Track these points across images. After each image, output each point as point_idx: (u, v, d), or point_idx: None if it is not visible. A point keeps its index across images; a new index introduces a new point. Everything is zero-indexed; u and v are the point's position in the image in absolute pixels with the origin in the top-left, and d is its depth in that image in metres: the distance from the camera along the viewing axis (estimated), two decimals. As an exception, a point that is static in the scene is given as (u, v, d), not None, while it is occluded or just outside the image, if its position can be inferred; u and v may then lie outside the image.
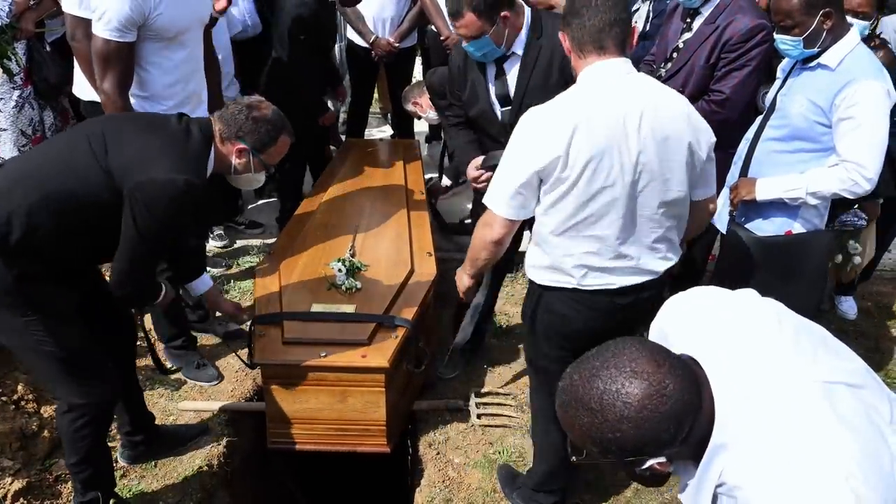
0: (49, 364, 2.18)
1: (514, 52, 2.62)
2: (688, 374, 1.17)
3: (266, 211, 4.69)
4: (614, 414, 1.13)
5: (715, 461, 1.16)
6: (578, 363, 1.22)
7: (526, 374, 3.29)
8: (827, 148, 2.46)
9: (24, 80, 3.59)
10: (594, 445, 1.18)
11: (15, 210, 1.99)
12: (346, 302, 2.87)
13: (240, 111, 2.25)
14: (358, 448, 2.80)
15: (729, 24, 2.82)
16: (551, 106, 1.97)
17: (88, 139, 2.09)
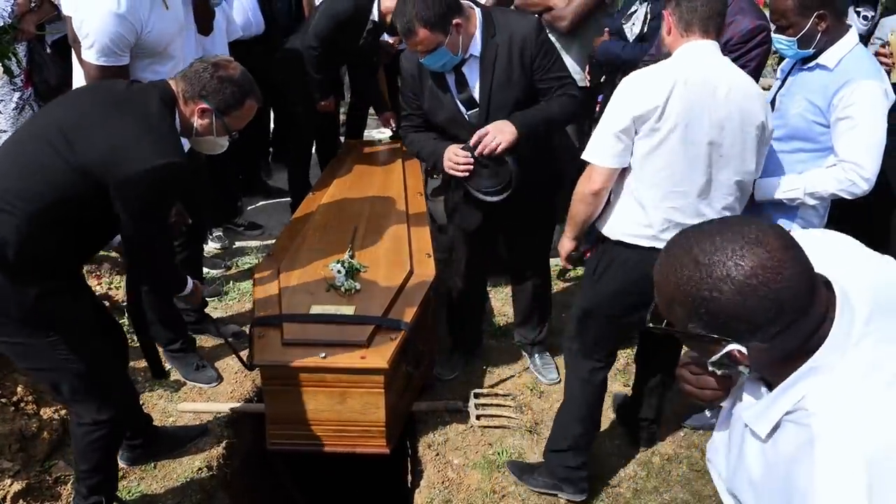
0: (74, 381, 2.15)
1: (471, 55, 2.59)
2: (811, 275, 1.08)
3: (265, 212, 4.69)
4: (721, 271, 1.05)
5: (800, 384, 1.08)
6: (692, 228, 1.15)
7: (524, 375, 3.31)
8: (825, 148, 2.46)
9: (24, 81, 3.60)
10: (683, 306, 1.10)
11: (3, 234, 1.93)
12: (345, 303, 2.87)
13: (204, 69, 2.14)
14: (357, 449, 2.80)
15: (729, 24, 2.82)
16: (653, 67, 2.19)
17: (47, 138, 1.98)
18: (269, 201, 4.82)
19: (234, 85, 2.16)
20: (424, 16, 2.38)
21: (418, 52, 2.51)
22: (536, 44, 2.56)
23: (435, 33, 2.42)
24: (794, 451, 1.07)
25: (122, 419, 2.33)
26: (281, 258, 3.22)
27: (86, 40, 2.62)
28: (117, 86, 2.18)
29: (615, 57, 3.51)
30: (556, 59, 2.64)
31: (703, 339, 1.10)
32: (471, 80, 2.64)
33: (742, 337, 1.07)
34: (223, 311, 3.68)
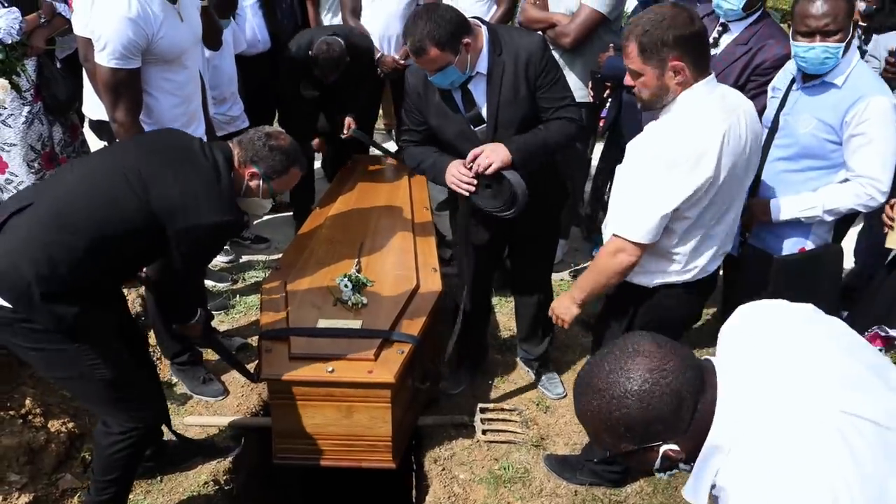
0: (101, 390, 2.20)
1: (477, 72, 2.60)
2: (691, 361, 1.24)
3: (272, 226, 4.71)
4: (619, 389, 1.20)
5: (711, 461, 1.21)
6: (591, 359, 1.32)
7: (531, 390, 3.31)
8: (835, 164, 2.48)
9: (33, 96, 3.62)
10: (606, 432, 1.24)
11: (60, 259, 2.03)
12: (352, 317, 2.88)
13: (259, 138, 2.38)
14: (364, 463, 2.80)
15: (761, 48, 2.83)
16: (689, 129, 2.01)
17: (125, 175, 2.15)
18: (275, 215, 4.83)
19: (282, 153, 2.40)
20: (436, 35, 2.40)
21: (427, 70, 2.53)
22: (541, 62, 2.58)
23: (445, 52, 2.45)
24: None
25: (151, 429, 2.39)
26: (288, 272, 3.23)
27: (98, 43, 2.72)
28: (192, 143, 2.36)
29: (620, 72, 3.52)
30: (558, 79, 2.65)
31: (638, 452, 1.24)
32: (477, 96, 2.65)
33: (665, 436, 1.21)
34: (229, 325, 3.69)
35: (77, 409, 2.88)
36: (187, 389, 3.20)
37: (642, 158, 2.05)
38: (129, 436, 2.28)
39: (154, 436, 2.53)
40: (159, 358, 3.35)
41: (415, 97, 2.76)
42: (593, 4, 3.63)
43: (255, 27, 4.23)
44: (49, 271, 2.02)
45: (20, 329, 2.06)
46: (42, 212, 2.10)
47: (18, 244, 2.05)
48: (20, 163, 3.60)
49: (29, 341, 2.09)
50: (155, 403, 2.41)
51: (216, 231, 2.23)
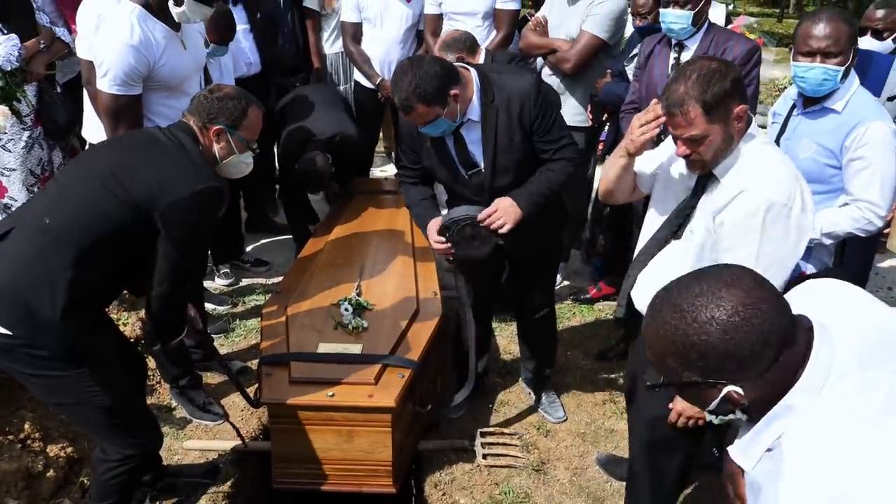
0: (100, 416, 2.19)
1: (468, 119, 2.57)
2: (787, 310, 1.15)
3: (271, 250, 4.72)
4: (705, 314, 1.11)
5: (778, 422, 1.13)
6: (674, 282, 1.22)
7: (531, 414, 3.30)
8: (836, 189, 2.50)
9: (34, 121, 3.64)
10: (674, 356, 1.16)
11: (57, 268, 2.03)
12: (352, 341, 2.88)
13: (203, 98, 2.33)
14: (364, 488, 2.79)
15: (724, 51, 2.94)
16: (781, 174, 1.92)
17: (100, 179, 2.14)
18: (274, 238, 4.84)
19: (232, 99, 2.34)
20: (421, 92, 2.36)
21: (416, 124, 2.50)
22: (535, 107, 2.55)
23: (433, 107, 2.41)
24: (762, 484, 1.13)
25: (147, 456, 2.38)
26: (288, 295, 3.23)
27: (100, 69, 2.74)
28: (152, 131, 2.36)
29: (618, 98, 3.57)
30: (554, 119, 2.61)
31: (700, 386, 1.16)
32: (470, 143, 2.63)
33: (735, 376, 1.12)
34: (229, 348, 3.68)
35: (76, 434, 2.86)
36: (186, 413, 3.19)
37: (750, 213, 1.88)
38: (126, 462, 2.27)
39: (152, 462, 2.51)
40: (158, 382, 3.34)
41: (409, 139, 2.76)
42: (594, 30, 3.67)
43: (247, 50, 4.28)
44: (48, 290, 2.01)
45: (21, 355, 2.06)
46: (27, 233, 2.08)
47: (12, 269, 2.04)
48: (20, 187, 3.61)
49: (29, 367, 2.08)
50: (152, 430, 2.39)
51: (199, 200, 2.17)
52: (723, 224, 1.93)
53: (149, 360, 3.37)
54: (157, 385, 3.33)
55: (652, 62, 3.19)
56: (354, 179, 4.59)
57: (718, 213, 1.94)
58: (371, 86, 4.53)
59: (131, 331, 3.51)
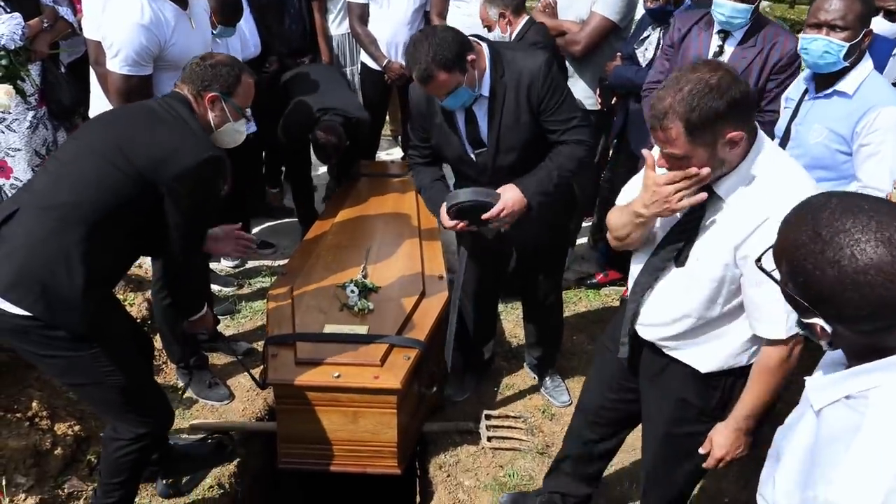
0: (113, 396, 2.19)
1: (480, 94, 2.53)
2: None
3: (278, 232, 4.72)
4: (834, 254, 1.02)
5: (876, 374, 1.06)
6: (844, 195, 1.11)
7: (536, 397, 3.31)
8: (846, 176, 2.46)
9: (38, 101, 3.63)
10: (788, 265, 1.10)
11: (70, 246, 2.02)
12: (358, 323, 2.89)
13: (196, 65, 2.31)
14: (369, 469, 2.80)
15: (773, 45, 2.85)
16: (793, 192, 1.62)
17: (102, 153, 2.13)
18: (280, 221, 4.84)
19: (225, 66, 2.32)
20: (441, 59, 2.32)
21: (437, 95, 2.46)
22: (544, 85, 2.49)
23: (454, 74, 2.37)
24: (837, 431, 1.06)
25: (159, 435, 2.39)
26: (294, 277, 3.23)
27: (110, 50, 2.73)
28: (147, 103, 2.35)
29: (627, 81, 3.54)
30: (563, 99, 2.55)
31: (795, 301, 1.12)
32: (479, 119, 2.59)
33: (828, 318, 1.08)
34: (235, 329, 3.69)
35: (83, 412, 2.88)
36: (193, 393, 3.20)
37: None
38: (138, 441, 2.28)
39: (159, 441, 2.53)
40: (165, 362, 3.35)
41: (418, 116, 2.72)
42: (604, 12, 3.64)
43: (247, 32, 4.24)
44: (64, 269, 2.01)
45: (36, 336, 2.05)
46: (33, 213, 2.07)
47: (24, 250, 2.03)
48: (25, 168, 3.61)
49: (44, 348, 2.08)
50: (164, 409, 2.40)
51: (204, 170, 2.17)
52: (746, 258, 1.69)
53: (155, 339, 3.39)
54: (164, 365, 3.34)
55: (688, 43, 3.07)
56: (360, 161, 4.57)
57: (739, 246, 1.72)
58: (378, 68, 4.50)
59: (137, 311, 3.53)
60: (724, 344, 1.90)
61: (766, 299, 1.70)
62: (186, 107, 2.27)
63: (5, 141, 3.56)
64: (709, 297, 1.82)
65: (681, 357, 1.97)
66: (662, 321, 1.95)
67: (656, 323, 1.97)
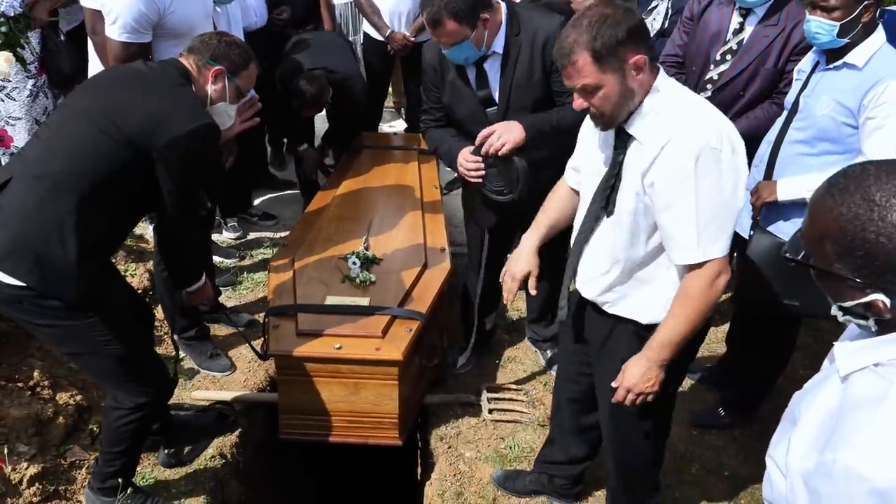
0: (111, 365, 2.19)
1: (493, 52, 2.54)
2: None
3: (279, 203, 4.70)
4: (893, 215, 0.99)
5: None
6: (879, 162, 1.08)
7: (537, 370, 3.31)
8: (853, 150, 2.41)
9: (38, 69, 3.60)
10: (838, 244, 1.05)
11: (62, 215, 2.00)
12: (359, 295, 2.88)
13: (210, 38, 2.32)
14: (370, 440, 2.81)
15: (796, 24, 2.79)
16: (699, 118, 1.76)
17: (91, 120, 2.10)
18: (282, 192, 4.82)
19: (238, 47, 2.34)
20: (454, 7, 2.34)
21: (442, 43, 2.47)
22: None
23: (462, 26, 2.38)
24: (863, 398, 1.04)
25: (158, 404, 2.39)
26: (296, 249, 3.22)
27: (109, 16, 2.70)
28: (137, 66, 2.31)
29: None
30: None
31: (845, 281, 1.06)
32: (491, 77, 2.60)
33: (891, 290, 1.02)
34: (237, 301, 3.69)
35: (85, 382, 2.89)
36: (194, 364, 3.21)
37: (679, 164, 1.72)
38: (137, 410, 2.28)
39: (161, 411, 2.53)
40: (166, 332, 3.35)
41: (431, 74, 2.72)
42: (612, -20, 3.57)
43: (252, 1, 4.19)
44: (57, 237, 1.99)
45: (30, 305, 2.04)
46: (26, 182, 2.05)
47: (17, 220, 2.01)
48: (25, 136, 3.58)
49: (39, 318, 2.07)
50: (163, 378, 2.40)
51: (196, 137, 2.13)
52: (653, 184, 1.76)
53: (157, 310, 3.39)
54: (165, 336, 3.34)
55: (708, 17, 3.02)
56: (363, 133, 4.54)
57: (646, 173, 1.77)
58: (381, 38, 4.44)
59: (139, 282, 3.52)
60: (655, 290, 1.91)
61: (676, 223, 1.76)
62: (184, 76, 2.25)
63: (5, 110, 3.54)
64: (629, 233, 1.85)
65: (620, 311, 1.99)
66: (597, 272, 1.98)
67: (593, 276, 2.00)
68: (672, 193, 1.74)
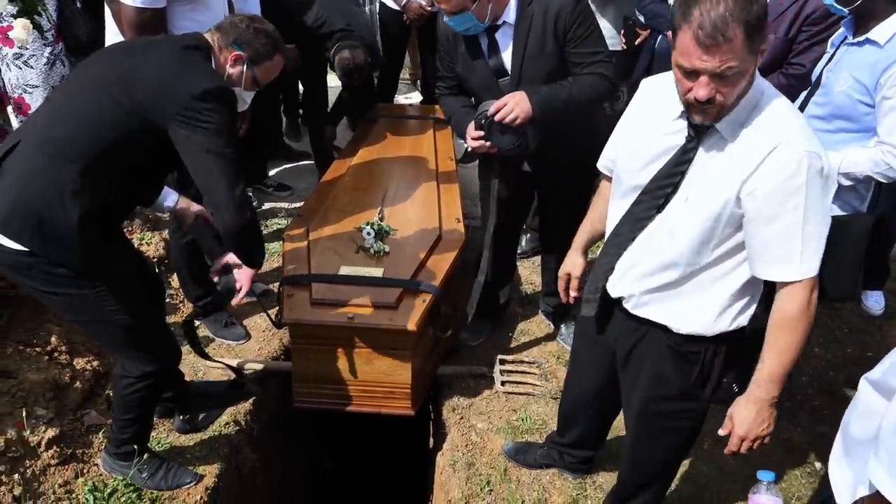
0: (119, 334, 2.19)
1: (505, 22, 2.50)
2: None
3: (294, 174, 4.70)
4: None
5: None
6: None
7: (550, 343, 3.31)
8: (869, 129, 2.36)
9: (55, 36, 3.59)
10: None
11: (66, 180, 1.97)
12: (373, 265, 2.87)
13: (241, 21, 2.26)
14: (382, 410, 2.82)
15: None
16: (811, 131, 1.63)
17: (102, 86, 2.05)
18: (298, 163, 4.81)
19: (267, 37, 2.27)
20: None
21: (443, 9, 2.45)
22: (572, 14, 2.45)
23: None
24: None
25: (166, 373, 2.39)
26: (311, 219, 3.22)
27: None
28: (157, 38, 2.29)
29: (662, 17, 3.42)
30: (591, 31, 2.50)
31: None
32: (503, 47, 2.57)
33: None
34: (252, 271, 3.70)
35: (101, 348, 2.91)
36: (209, 333, 3.23)
37: (790, 174, 1.55)
38: (145, 378, 2.29)
39: (174, 379, 2.54)
40: (182, 301, 3.37)
41: (445, 43, 2.70)
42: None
43: None
44: (59, 202, 1.97)
45: (38, 272, 2.04)
46: (31, 147, 2.03)
47: (21, 182, 2.00)
48: (43, 104, 3.59)
49: (47, 285, 2.07)
50: (171, 348, 2.41)
51: (211, 98, 2.00)
52: (754, 192, 1.58)
53: (172, 279, 3.41)
54: (181, 304, 3.37)
55: None
56: (378, 104, 4.51)
57: (747, 179, 1.58)
58: (397, 7, 4.39)
59: (154, 250, 3.54)
60: (707, 300, 1.77)
61: (778, 237, 1.60)
62: (204, 50, 2.20)
63: (23, 77, 3.54)
64: (701, 238, 1.69)
65: (658, 317, 1.84)
66: (640, 274, 1.83)
67: (635, 277, 1.84)
68: (779, 206, 1.57)
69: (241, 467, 2.81)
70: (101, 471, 2.51)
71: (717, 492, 2.63)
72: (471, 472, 2.69)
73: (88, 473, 2.50)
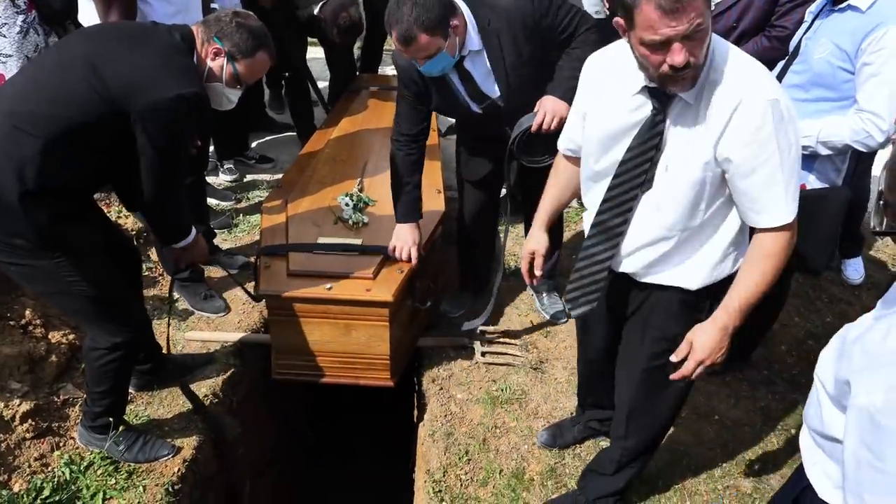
0: (83, 305, 2.17)
1: (470, 51, 2.46)
2: None
3: (277, 146, 4.65)
4: None
5: None
6: None
7: (531, 314, 3.30)
8: (848, 97, 2.31)
9: (27, 4, 3.51)
10: None
11: (24, 155, 1.94)
12: (352, 236, 2.85)
13: (225, 15, 2.21)
14: (361, 381, 2.81)
15: None
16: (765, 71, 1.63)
17: (76, 65, 2.01)
18: (280, 135, 4.76)
19: (249, 32, 2.20)
20: (425, 20, 2.22)
21: (417, 59, 2.36)
22: (536, 10, 2.42)
23: (436, 38, 2.28)
24: None
25: (136, 344, 2.37)
26: (289, 190, 3.19)
27: None
28: (145, 25, 2.23)
29: None
30: (559, 7, 2.46)
31: None
32: (478, 74, 2.52)
33: None
34: (232, 243, 3.67)
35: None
36: (188, 305, 3.21)
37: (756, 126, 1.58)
38: (114, 350, 2.27)
39: (138, 350, 2.50)
40: (161, 274, 3.35)
41: (413, 86, 2.58)
42: None
43: None
44: (14, 175, 1.94)
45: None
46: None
47: None
48: (17, 74, 3.52)
49: (9, 256, 2.05)
50: (138, 318, 2.39)
51: (180, 105, 2.01)
52: (729, 151, 1.61)
53: (151, 253, 3.38)
54: (160, 277, 3.34)
55: None
56: (361, 75, 4.45)
57: (720, 138, 1.60)
58: (379, -25, 4.32)
59: (133, 223, 3.50)
60: (706, 254, 1.81)
61: (763, 187, 1.62)
62: (187, 42, 2.15)
63: (-5, 47, 3.46)
64: (691, 203, 1.71)
65: (663, 280, 1.87)
66: (639, 246, 1.85)
67: (635, 251, 1.86)
68: (755, 158, 1.59)
69: (221, 440, 2.81)
70: (78, 444, 2.50)
71: (694, 459, 2.64)
72: (450, 442, 2.69)
73: (65, 447, 2.49)
